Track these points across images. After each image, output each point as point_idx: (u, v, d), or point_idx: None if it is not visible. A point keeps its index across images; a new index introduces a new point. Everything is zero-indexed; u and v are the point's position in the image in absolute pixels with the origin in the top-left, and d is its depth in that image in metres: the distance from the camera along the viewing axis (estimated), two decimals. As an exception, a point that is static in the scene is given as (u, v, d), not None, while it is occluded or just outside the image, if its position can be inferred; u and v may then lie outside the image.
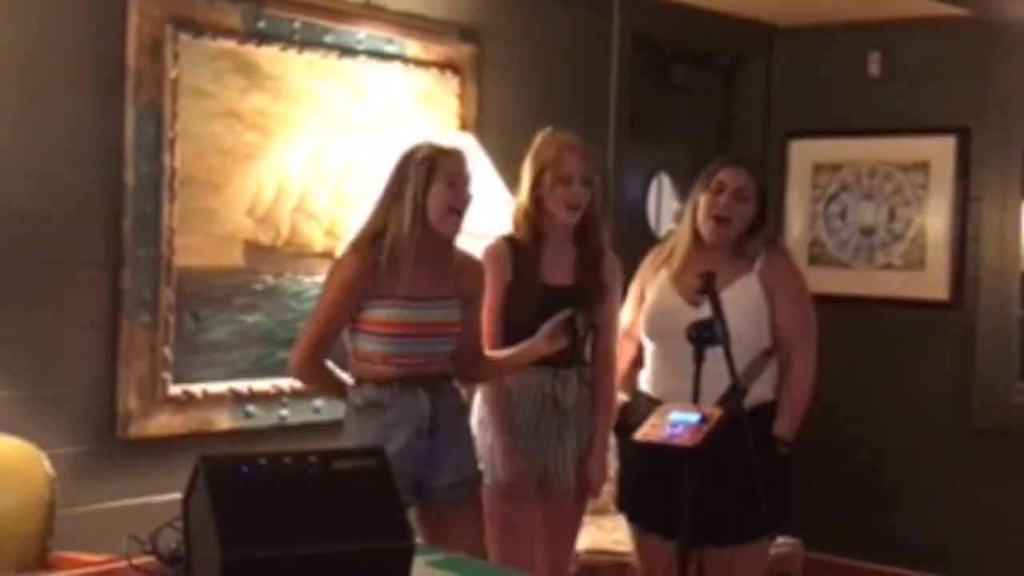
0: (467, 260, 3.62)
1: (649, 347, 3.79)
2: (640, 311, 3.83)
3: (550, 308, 3.65)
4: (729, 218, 3.71)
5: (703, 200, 3.74)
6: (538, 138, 3.81)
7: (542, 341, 3.58)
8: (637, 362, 3.87)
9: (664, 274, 3.78)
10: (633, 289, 3.89)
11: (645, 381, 3.81)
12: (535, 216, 3.74)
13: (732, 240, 3.74)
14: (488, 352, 3.68)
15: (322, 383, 3.67)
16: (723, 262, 3.68)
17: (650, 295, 3.80)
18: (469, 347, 3.62)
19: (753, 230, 3.76)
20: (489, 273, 3.72)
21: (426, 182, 3.44)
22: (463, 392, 3.70)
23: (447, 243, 3.53)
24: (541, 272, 3.73)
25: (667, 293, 3.75)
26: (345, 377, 3.58)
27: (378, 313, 3.44)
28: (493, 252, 3.75)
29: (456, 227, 3.50)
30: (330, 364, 3.58)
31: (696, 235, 3.76)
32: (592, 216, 3.78)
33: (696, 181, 3.81)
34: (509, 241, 3.76)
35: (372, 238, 3.47)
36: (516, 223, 3.79)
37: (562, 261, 3.76)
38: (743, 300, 3.68)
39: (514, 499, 3.72)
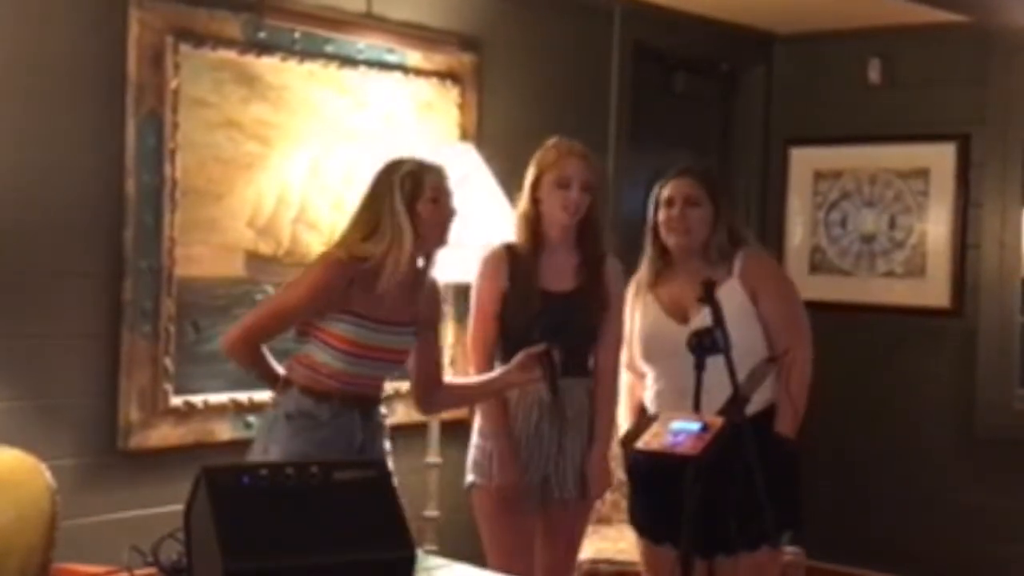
0: (431, 285, 3.54)
1: (650, 371, 3.79)
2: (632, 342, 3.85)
3: (548, 314, 3.65)
4: (687, 227, 3.73)
5: (660, 216, 3.77)
6: (545, 144, 3.81)
7: (515, 370, 3.52)
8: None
9: (648, 297, 3.79)
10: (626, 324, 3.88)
11: (650, 402, 3.80)
12: (534, 220, 3.74)
13: (698, 247, 3.76)
14: (451, 380, 3.65)
15: (254, 368, 3.47)
16: (699, 273, 3.66)
17: (638, 320, 3.81)
18: (426, 374, 3.56)
19: (713, 232, 3.77)
20: (485, 278, 3.72)
21: (412, 200, 3.34)
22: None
23: (421, 266, 3.44)
24: (541, 278, 3.72)
25: (654, 314, 3.76)
26: (278, 368, 3.45)
27: (341, 328, 3.32)
28: (490, 257, 3.75)
29: (444, 243, 3.43)
30: (265, 351, 3.43)
31: (663, 252, 3.79)
32: (592, 222, 3.77)
33: (650, 202, 3.83)
34: (508, 248, 3.76)
35: (359, 250, 3.33)
36: (517, 228, 3.78)
37: (563, 267, 3.75)
38: (728, 306, 3.67)
39: (514, 507, 3.71)
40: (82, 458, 3.71)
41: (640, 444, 3.16)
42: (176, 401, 3.89)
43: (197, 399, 3.94)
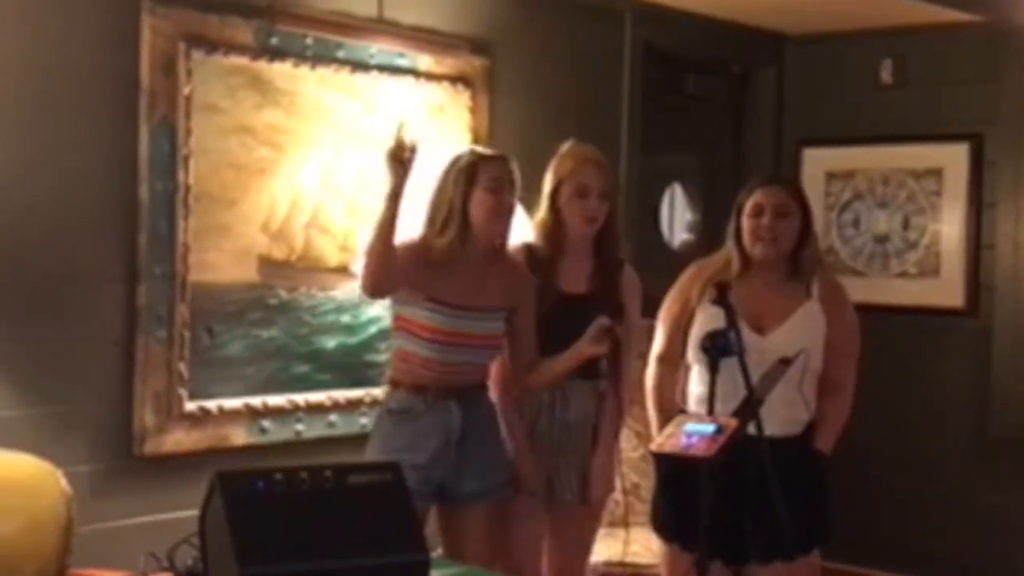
0: (518, 269, 3.66)
1: (706, 373, 3.67)
2: (679, 334, 3.77)
3: (561, 314, 3.69)
4: (775, 237, 3.71)
5: (746, 224, 3.73)
6: (560, 150, 3.83)
7: (587, 344, 3.60)
8: (675, 389, 3.81)
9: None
10: (670, 310, 3.83)
11: (698, 404, 3.70)
12: (554, 228, 3.78)
13: (784, 257, 3.74)
14: (537, 362, 3.70)
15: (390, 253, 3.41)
16: (779, 286, 3.72)
17: (704, 317, 3.69)
18: (517, 360, 3.66)
19: (802, 244, 3.77)
20: None
21: (467, 189, 3.49)
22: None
23: (496, 251, 3.58)
24: (557, 279, 3.75)
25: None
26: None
27: (422, 315, 3.47)
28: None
29: (502, 233, 3.56)
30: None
31: (747, 260, 3.74)
32: (611, 229, 3.82)
33: (734, 206, 3.79)
34: (528, 247, 3.79)
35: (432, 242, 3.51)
36: (537, 236, 3.82)
37: (579, 271, 3.79)
38: (806, 326, 3.70)
39: (521, 508, 3.72)
40: (97, 464, 3.72)
41: (654, 447, 3.16)
42: (191, 406, 3.90)
43: (211, 404, 3.95)
